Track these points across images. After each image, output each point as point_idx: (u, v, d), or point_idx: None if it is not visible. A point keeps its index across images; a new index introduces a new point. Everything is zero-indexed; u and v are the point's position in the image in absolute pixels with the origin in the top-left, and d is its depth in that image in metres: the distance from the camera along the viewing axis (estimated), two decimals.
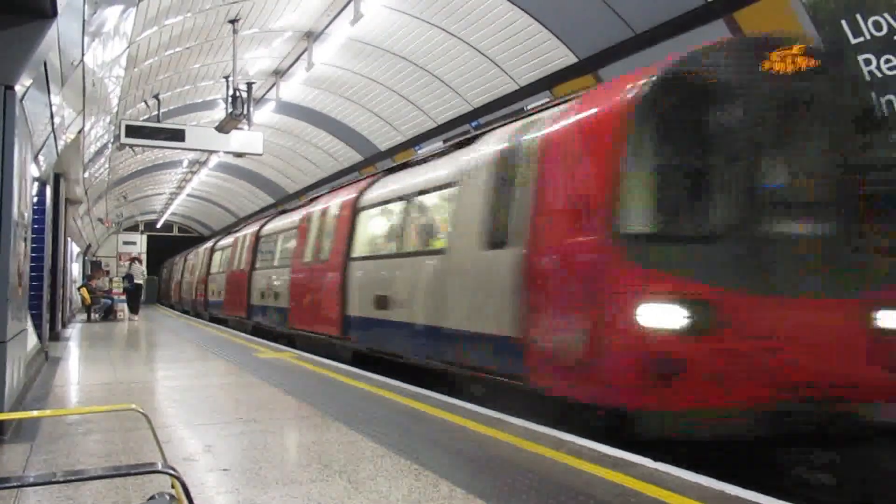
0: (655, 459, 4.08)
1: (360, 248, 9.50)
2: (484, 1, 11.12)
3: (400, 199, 8.51)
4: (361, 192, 9.81)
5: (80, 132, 10.04)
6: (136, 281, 21.16)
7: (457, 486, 3.64)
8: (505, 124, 6.79)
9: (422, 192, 7.98)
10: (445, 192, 7.31)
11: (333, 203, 10.81)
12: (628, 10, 9.64)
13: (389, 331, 8.04)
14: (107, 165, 18.98)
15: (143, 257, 40.54)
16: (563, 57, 11.24)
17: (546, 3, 10.62)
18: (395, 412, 5.73)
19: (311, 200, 12.99)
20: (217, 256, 20.65)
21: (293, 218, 13.18)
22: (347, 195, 10.33)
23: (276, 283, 13.25)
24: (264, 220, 16.64)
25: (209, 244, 23.17)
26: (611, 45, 10.22)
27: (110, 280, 21.24)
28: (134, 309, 20.89)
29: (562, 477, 3.80)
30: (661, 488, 3.55)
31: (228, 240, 19.63)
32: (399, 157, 17.05)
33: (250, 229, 16.95)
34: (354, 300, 9.17)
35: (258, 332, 14.60)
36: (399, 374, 7.63)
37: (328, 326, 9.99)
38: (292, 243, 12.51)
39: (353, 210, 9.73)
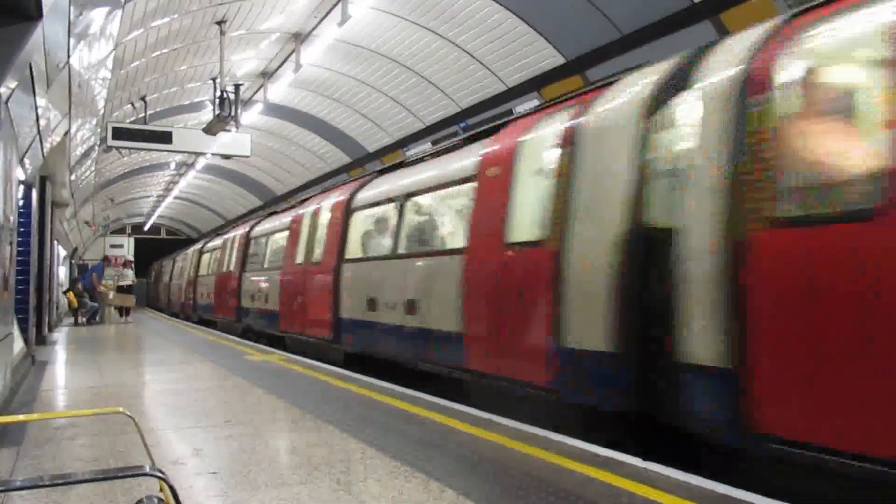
0: (645, 459, 4.10)
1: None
2: (471, 2, 11.14)
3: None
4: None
5: (66, 134, 9.97)
6: (127, 283, 21.08)
7: (447, 487, 3.64)
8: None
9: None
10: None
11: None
12: (615, 12, 9.69)
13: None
14: (93, 168, 18.87)
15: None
16: (551, 58, 11.28)
17: (533, 4, 10.65)
18: (385, 414, 5.73)
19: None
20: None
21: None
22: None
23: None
24: (253, 221, 16.74)
25: (197, 246, 23.13)
26: (598, 46, 10.27)
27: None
28: (125, 310, 20.78)
29: (552, 477, 3.81)
30: (652, 488, 3.57)
31: (217, 242, 19.59)
32: (387, 158, 17.05)
33: (240, 231, 16.89)
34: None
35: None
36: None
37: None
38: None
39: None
